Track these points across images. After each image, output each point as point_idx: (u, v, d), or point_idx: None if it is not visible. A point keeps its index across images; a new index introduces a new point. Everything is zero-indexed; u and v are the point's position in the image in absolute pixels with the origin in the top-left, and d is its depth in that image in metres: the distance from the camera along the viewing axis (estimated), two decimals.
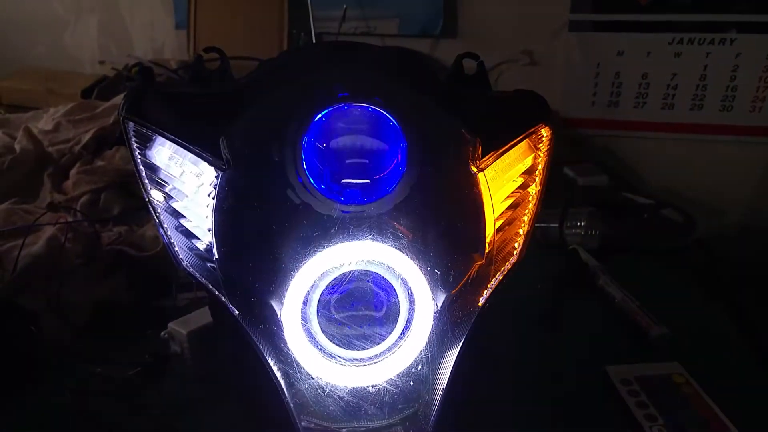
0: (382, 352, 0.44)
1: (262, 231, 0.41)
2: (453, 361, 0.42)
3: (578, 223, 0.78)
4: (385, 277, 0.43)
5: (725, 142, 1.23)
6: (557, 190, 0.48)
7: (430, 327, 0.44)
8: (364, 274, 0.43)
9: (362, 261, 0.42)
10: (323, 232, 0.42)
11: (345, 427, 0.44)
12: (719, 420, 0.48)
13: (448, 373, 0.42)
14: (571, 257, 0.74)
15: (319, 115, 0.42)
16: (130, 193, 0.81)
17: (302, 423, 0.42)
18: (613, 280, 0.68)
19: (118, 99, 0.98)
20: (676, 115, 1.23)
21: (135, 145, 0.43)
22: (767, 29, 1.14)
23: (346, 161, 0.43)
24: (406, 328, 0.44)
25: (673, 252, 0.82)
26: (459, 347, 0.43)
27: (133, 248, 0.71)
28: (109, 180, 0.81)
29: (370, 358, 0.44)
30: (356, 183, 0.43)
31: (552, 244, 0.77)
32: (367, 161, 0.44)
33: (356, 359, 0.44)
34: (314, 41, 1.10)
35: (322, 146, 0.43)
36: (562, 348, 0.60)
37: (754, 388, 0.55)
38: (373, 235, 0.42)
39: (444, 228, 0.44)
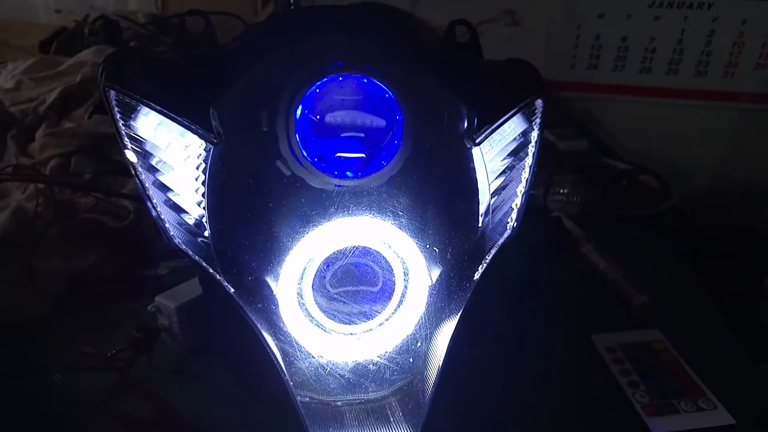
0: (377, 325, 0.44)
1: (256, 207, 0.40)
2: (450, 336, 0.43)
3: (561, 190, 0.79)
4: (381, 252, 0.43)
5: (698, 107, 1.25)
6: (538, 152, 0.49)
7: (425, 301, 0.44)
8: (360, 250, 0.42)
9: (358, 237, 0.42)
10: (320, 207, 0.41)
11: (340, 400, 0.44)
12: (695, 384, 0.51)
13: (445, 347, 0.43)
14: (554, 225, 0.75)
15: (314, 87, 0.40)
16: (102, 157, 0.78)
17: (299, 398, 0.42)
18: (596, 248, 0.69)
19: (83, 55, 0.92)
20: (653, 79, 1.24)
21: (118, 115, 0.41)
22: None
23: (341, 135, 0.42)
24: (401, 302, 0.44)
25: (649, 218, 0.84)
26: (456, 321, 0.43)
27: (109, 216, 0.68)
28: (79, 143, 0.77)
29: (364, 331, 0.44)
30: (351, 157, 0.43)
31: (534, 210, 0.78)
32: (363, 135, 0.43)
33: (351, 333, 0.44)
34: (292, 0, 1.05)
35: (316, 118, 0.42)
36: (547, 316, 0.62)
37: (724, 352, 0.58)
38: (372, 212, 0.42)
39: (440, 204, 0.44)
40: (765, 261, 0.95)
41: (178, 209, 0.42)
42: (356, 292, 0.43)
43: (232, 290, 0.40)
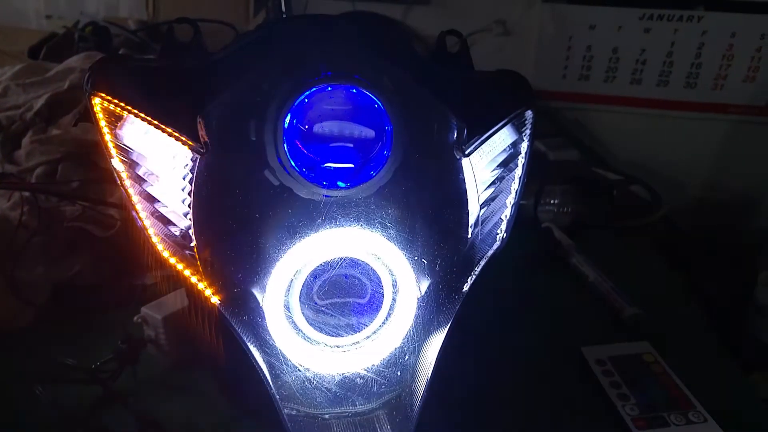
0: (365, 338, 0.44)
1: (243, 218, 0.40)
2: (438, 348, 0.42)
3: (551, 201, 0.79)
4: (369, 264, 0.42)
5: (688, 118, 1.26)
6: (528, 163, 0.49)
7: (413, 314, 0.43)
8: (348, 261, 0.42)
9: (346, 249, 0.41)
10: (307, 218, 0.41)
11: (328, 413, 0.44)
12: (686, 397, 0.50)
13: (433, 359, 0.42)
14: (545, 235, 0.75)
15: (302, 96, 0.40)
16: (89, 165, 0.77)
17: (285, 410, 0.41)
18: (586, 259, 0.69)
19: (72, 61, 0.91)
20: (644, 90, 1.25)
21: (103, 123, 0.40)
22: (732, 8, 1.16)
23: (330, 145, 0.42)
24: (389, 314, 0.44)
25: (640, 228, 0.84)
26: (444, 334, 0.43)
27: (95, 225, 0.67)
28: (66, 150, 0.76)
29: (352, 344, 0.44)
30: (339, 167, 0.42)
31: (524, 221, 0.78)
32: (352, 145, 0.42)
33: (338, 345, 0.43)
34: (284, 9, 1.05)
35: (304, 128, 0.42)
36: (537, 327, 0.61)
37: (715, 364, 0.58)
38: (360, 223, 0.41)
39: (429, 215, 0.43)
40: (755, 271, 0.95)
41: (165, 220, 0.42)
42: (344, 304, 0.42)
43: (218, 302, 0.39)
